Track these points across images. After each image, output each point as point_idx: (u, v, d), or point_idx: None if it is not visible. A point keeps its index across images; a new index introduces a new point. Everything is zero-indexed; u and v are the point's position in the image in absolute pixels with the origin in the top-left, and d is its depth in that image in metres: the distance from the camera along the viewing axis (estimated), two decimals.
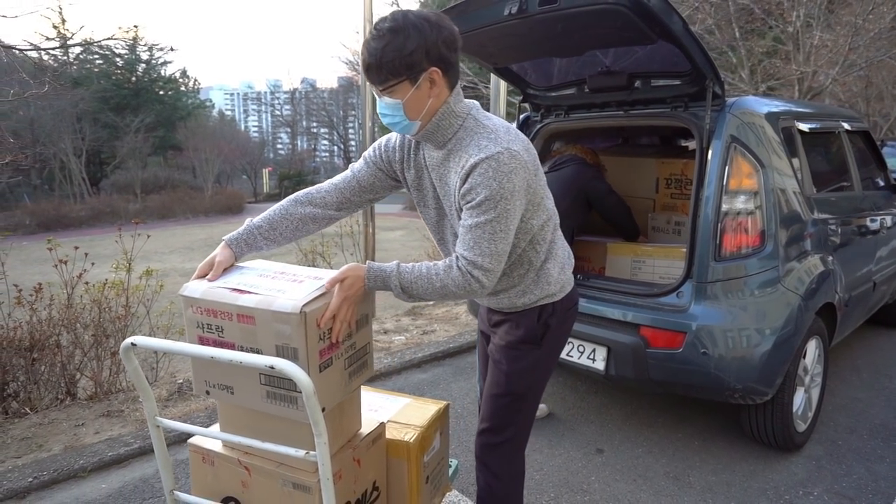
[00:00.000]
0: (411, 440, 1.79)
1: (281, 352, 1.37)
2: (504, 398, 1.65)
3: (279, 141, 59.78)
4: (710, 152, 2.45)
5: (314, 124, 49.84)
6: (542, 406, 3.05)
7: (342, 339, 1.46)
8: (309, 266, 5.74)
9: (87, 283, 3.52)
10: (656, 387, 2.57)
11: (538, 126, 3.21)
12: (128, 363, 1.44)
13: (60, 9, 38.38)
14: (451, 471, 2.20)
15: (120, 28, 34.54)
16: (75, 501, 2.34)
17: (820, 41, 8.57)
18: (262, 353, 1.38)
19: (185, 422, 2.63)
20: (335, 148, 48.97)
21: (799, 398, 2.68)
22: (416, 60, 1.34)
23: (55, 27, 32.24)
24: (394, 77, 1.36)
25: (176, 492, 1.60)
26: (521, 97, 3.21)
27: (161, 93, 33.91)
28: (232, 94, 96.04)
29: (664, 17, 2.12)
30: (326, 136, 49.22)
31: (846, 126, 3.34)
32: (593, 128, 3.25)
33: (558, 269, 1.61)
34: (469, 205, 1.37)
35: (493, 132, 1.40)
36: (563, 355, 2.78)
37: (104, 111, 29.32)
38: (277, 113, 53.52)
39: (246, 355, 1.30)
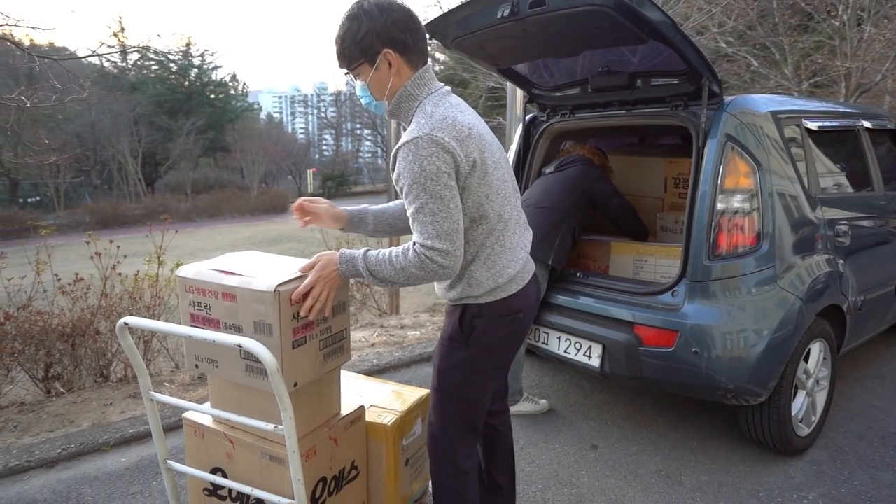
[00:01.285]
0: (389, 424, 1.89)
1: (258, 327, 1.49)
2: (438, 393, 1.69)
3: (324, 142, 61.09)
4: (705, 151, 2.45)
5: (358, 126, 50.65)
6: (542, 401, 3.10)
7: (316, 319, 1.57)
8: None
9: (119, 274, 3.76)
10: (650, 385, 2.58)
11: (544, 126, 3.26)
12: (123, 341, 1.59)
13: (120, 18, 40.23)
14: None
15: (174, 34, 36.21)
16: (97, 472, 2.54)
17: (870, 35, 8.21)
18: (242, 329, 1.51)
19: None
20: (378, 149, 49.63)
21: (799, 402, 2.64)
22: (370, 43, 1.48)
23: (115, 35, 33.79)
24: (354, 61, 1.52)
25: (168, 461, 1.75)
26: (527, 97, 3.27)
27: (212, 96, 35.32)
28: (280, 98, 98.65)
29: (652, 17, 2.15)
30: (369, 138, 49.96)
31: (866, 124, 3.25)
32: (600, 127, 3.28)
33: (488, 274, 1.57)
34: (403, 192, 1.46)
35: (427, 118, 1.45)
36: (560, 352, 2.82)
37: (159, 114, 30.77)
38: (322, 115, 54.70)
39: (218, 334, 1.43)
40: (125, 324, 1.55)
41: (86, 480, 2.47)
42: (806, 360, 2.65)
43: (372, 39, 1.47)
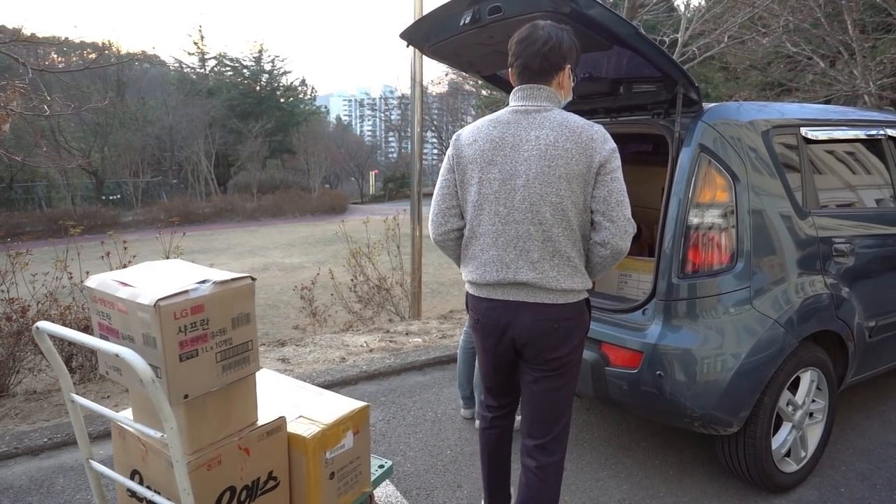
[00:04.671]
0: (309, 436, 1.88)
1: (146, 339, 1.52)
2: None
3: (390, 145, 62.20)
4: (678, 162, 2.30)
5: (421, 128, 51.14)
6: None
7: (210, 332, 1.58)
8: (356, 267, 5.95)
9: None
10: (619, 408, 2.45)
11: None
12: (41, 344, 1.67)
13: (200, 28, 42.55)
14: (381, 471, 2.25)
15: (248, 41, 38.10)
16: (74, 462, 2.68)
17: None
18: (135, 340, 1.55)
19: None
20: (435, 152, 49.94)
21: (783, 435, 2.41)
22: None
23: (195, 44, 35.94)
24: None
25: (90, 460, 1.82)
26: None
27: (282, 100, 36.71)
28: (349, 101, 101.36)
29: (607, 23, 2.04)
30: (430, 140, 50.39)
31: (891, 133, 2.94)
32: None
33: (465, 270, 1.88)
34: None
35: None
36: None
37: (231, 118, 32.29)
38: (384, 118, 55.65)
39: (103, 343, 1.47)
40: (37, 328, 1.62)
41: (62, 470, 2.62)
42: (795, 389, 2.43)
43: None
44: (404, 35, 2.76)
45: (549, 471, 1.85)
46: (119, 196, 28.87)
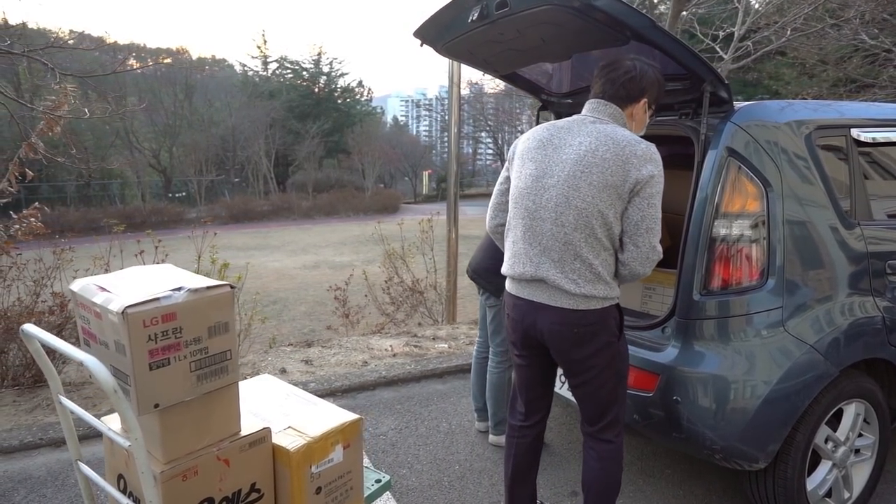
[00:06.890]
0: (293, 449, 1.82)
1: (117, 346, 1.49)
2: None
3: (445, 145, 62.34)
4: (703, 168, 2.11)
5: (473, 128, 51.01)
6: None
7: (184, 341, 1.55)
8: (391, 269, 5.92)
9: None
10: (631, 433, 2.27)
11: None
12: (29, 346, 1.68)
13: (264, 33, 44.23)
14: (378, 486, 2.17)
15: (308, 44, 39.24)
16: (91, 456, 2.74)
17: None
18: (109, 346, 1.53)
19: None
20: (490, 152, 49.66)
21: (821, 474, 2.17)
22: None
23: (259, 47, 37.18)
24: None
25: (79, 462, 1.83)
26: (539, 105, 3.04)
27: (339, 102, 37.48)
28: (406, 101, 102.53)
29: (622, 17, 1.88)
30: (485, 141, 50.14)
31: None
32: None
33: (504, 262, 1.93)
34: None
35: None
36: None
37: (290, 119, 33.23)
38: (440, 119, 55.84)
39: (70, 349, 1.46)
40: (23, 330, 1.63)
41: None
42: (831, 423, 2.17)
43: None
44: (417, 33, 2.67)
45: (605, 454, 1.91)
46: (185, 193, 30.28)
